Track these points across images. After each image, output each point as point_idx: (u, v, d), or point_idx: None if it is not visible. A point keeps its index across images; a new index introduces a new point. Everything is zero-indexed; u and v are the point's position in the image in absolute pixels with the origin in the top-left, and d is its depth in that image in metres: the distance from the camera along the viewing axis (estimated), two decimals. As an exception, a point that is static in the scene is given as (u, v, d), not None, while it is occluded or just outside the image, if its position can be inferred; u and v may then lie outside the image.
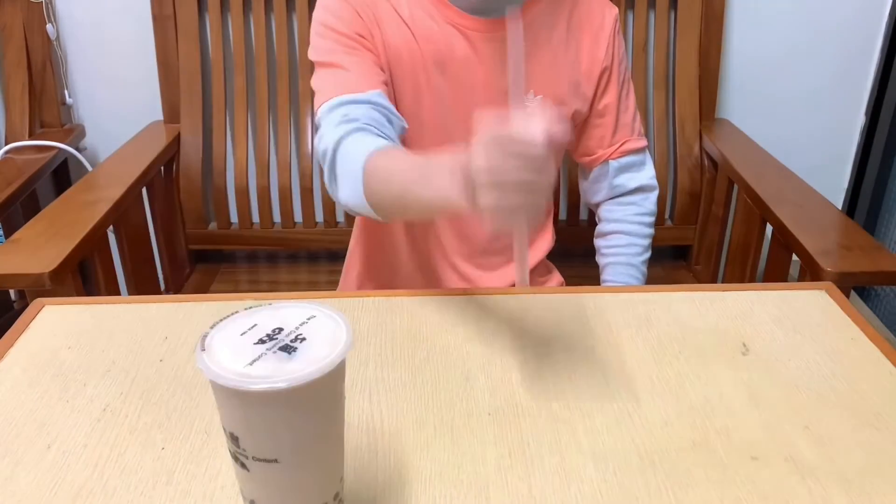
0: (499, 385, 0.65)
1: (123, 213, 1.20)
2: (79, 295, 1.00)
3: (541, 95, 0.94)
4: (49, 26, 1.45)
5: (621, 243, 1.04)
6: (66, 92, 1.53)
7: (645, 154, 1.05)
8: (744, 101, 1.57)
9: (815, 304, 0.77)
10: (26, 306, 0.76)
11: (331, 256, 1.57)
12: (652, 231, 1.06)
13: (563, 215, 1.53)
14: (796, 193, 1.21)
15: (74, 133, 1.51)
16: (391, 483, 0.54)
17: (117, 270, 1.19)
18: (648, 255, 1.06)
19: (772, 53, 1.54)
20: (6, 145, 1.45)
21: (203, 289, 1.48)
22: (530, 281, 1.10)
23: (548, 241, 1.10)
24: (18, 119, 1.47)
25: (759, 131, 1.49)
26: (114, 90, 1.54)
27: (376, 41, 0.90)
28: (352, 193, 0.77)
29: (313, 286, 1.49)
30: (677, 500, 0.53)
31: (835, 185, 1.66)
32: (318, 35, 0.90)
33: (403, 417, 0.61)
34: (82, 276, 1.04)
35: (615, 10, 0.98)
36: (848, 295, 0.93)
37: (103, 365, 0.67)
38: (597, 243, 1.08)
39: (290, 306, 0.46)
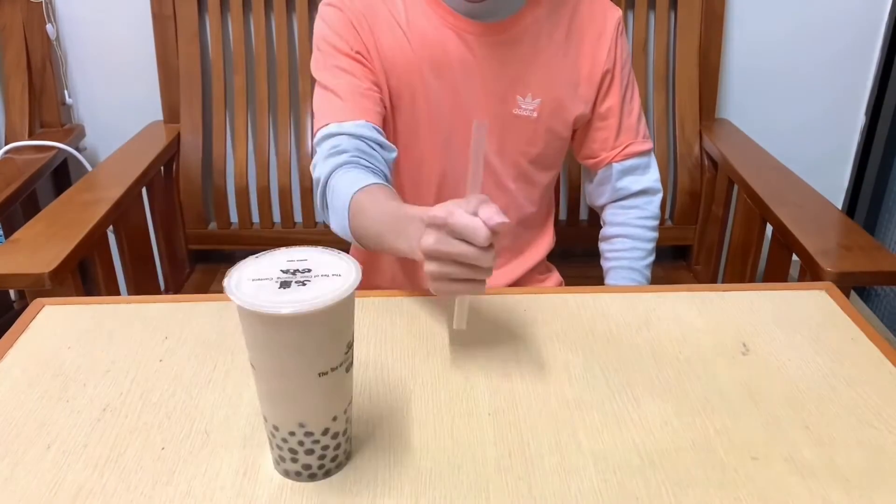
0: (499, 385, 0.65)
1: (123, 213, 1.20)
2: (79, 295, 1.00)
3: (539, 98, 0.94)
4: (49, 26, 1.45)
5: (625, 247, 1.04)
6: (66, 92, 1.53)
7: (650, 157, 1.05)
8: (744, 101, 1.57)
9: (815, 304, 0.77)
10: (26, 306, 0.76)
11: (331, 256, 1.56)
12: (655, 234, 1.06)
13: (563, 215, 1.53)
14: (796, 193, 1.21)
15: (74, 133, 1.51)
16: (391, 483, 0.54)
17: (117, 270, 1.19)
18: (652, 258, 1.06)
19: (771, 53, 1.54)
20: (6, 145, 1.45)
21: (203, 289, 1.48)
22: (530, 279, 1.10)
23: (548, 241, 1.10)
24: (18, 119, 1.47)
25: (759, 131, 1.49)
26: (114, 90, 1.54)
27: (371, 52, 0.90)
28: (339, 226, 0.83)
29: (313, 286, 1.49)
30: (677, 499, 0.53)
31: (835, 185, 1.66)
32: (317, 49, 0.92)
33: (403, 417, 0.61)
34: (82, 276, 1.04)
35: (618, 13, 0.97)
36: (848, 295, 0.93)
37: (103, 365, 0.67)
38: (601, 247, 1.08)
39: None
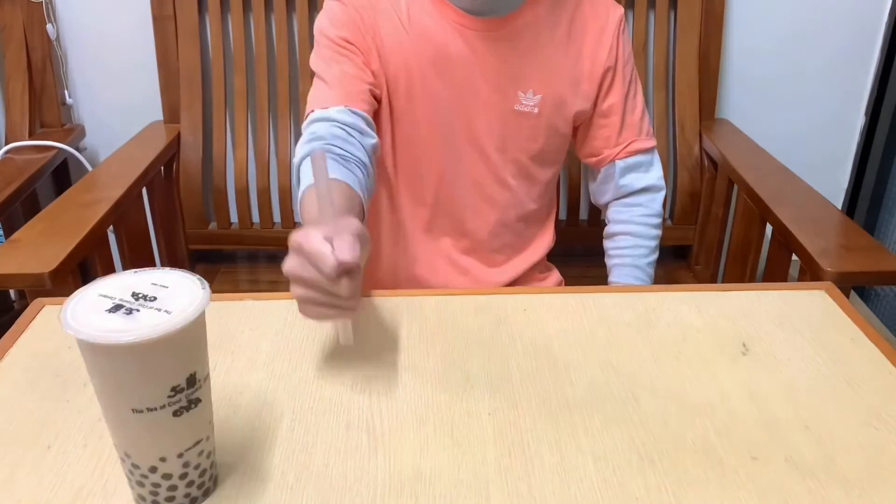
0: (499, 385, 0.65)
1: (123, 213, 1.20)
2: (79, 295, 1.00)
3: (540, 94, 0.94)
4: (49, 26, 1.45)
5: (627, 245, 1.04)
6: (66, 92, 1.53)
7: (653, 154, 1.05)
8: (744, 101, 1.57)
9: (815, 304, 0.77)
10: (26, 306, 0.76)
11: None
12: (659, 232, 1.06)
13: (564, 215, 1.53)
14: (796, 193, 1.21)
15: (74, 133, 1.51)
16: (391, 483, 0.54)
17: (117, 270, 1.18)
18: (655, 256, 1.06)
19: (772, 53, 1.54)
20: (6, 145, 1.44)
21: (203, 289, 1.48)
22: (530, 278, 1.10)
23: (548, 239, 1.10)
24: (18, 119, 1.47)
25: (759, 131, 1.49)
26: (114, 90, 1.54)
27: (370, 46, 0.90)
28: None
29: (313, 286, 1.49)
30: (677, 499, 0.53)
31: (835, 185, 1.66)
32: (315, 41, 0.93)
33: (403, 417, 0.61)
34: (82, 276, 1.04)
35: (620, 10, 0.97)
36: (848, 295, 0.93)
37: (103, 365, 0.67)
38: (605, 245, 1.08)
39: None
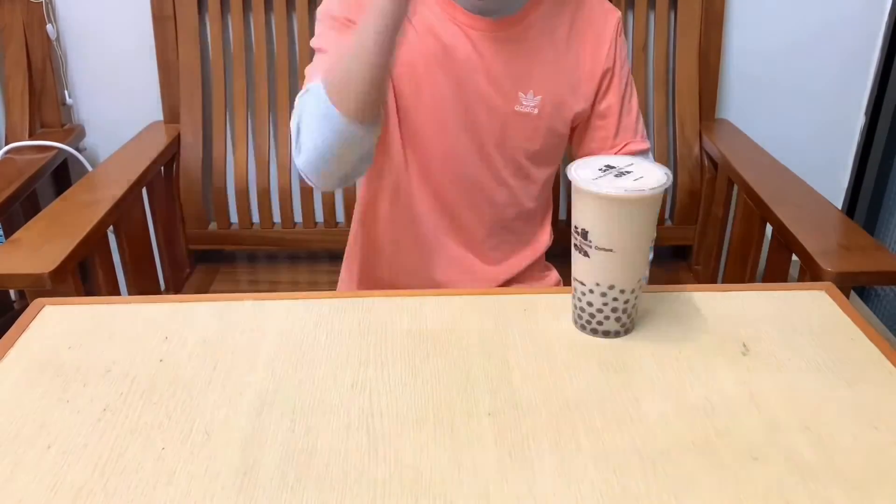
0: (499, 385, 0.65)
1: (123, 213, 1.20)
2: (79, 295, 1.00)
3: (540, 96, 0.95)
4: (49, 26, 1.45)
5: None
6: (66, 92, 1.53)
7: (647, 156, 1.05)
8: (744, 101, 1.57)
9: (815, 304, 0.77)
10: (26, 306, 0.76)
11: (331, 256, 1.57)
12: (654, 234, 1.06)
13: (563, 215, 1.53)
14: (796, 193, 1.21)
15: (74, 133, 1.51)
16: (391, 483, 0.54)
17: (117, 270, 1.19)
18: (651, 255, 1.06)
19: (772, 53, 1.54)
20: (6, 145, 1.44)
21: (203, 289, 1.48)
22: (528, 276, 1.10)
23: (546, 237, 1.10)
24: (18, 119, 1.47)
25: (759, 131, 1.49)
26: (114, 90, 1.54)
27: None
28: (313, 133, 0.83)
29: (313, 286, 1.49)
30: (677, 500, 0.53)
31: (835, 185, 1.66)
32: (318, 22, 0.93)
33: (403, 417, 0.61)
34: (82, 276, 1.04)
35: (617, 14, 0.99)
36: (848, 295, 0.93)
37: (103, 365, 0.67)
38: None
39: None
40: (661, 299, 0.77)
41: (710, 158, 1.47)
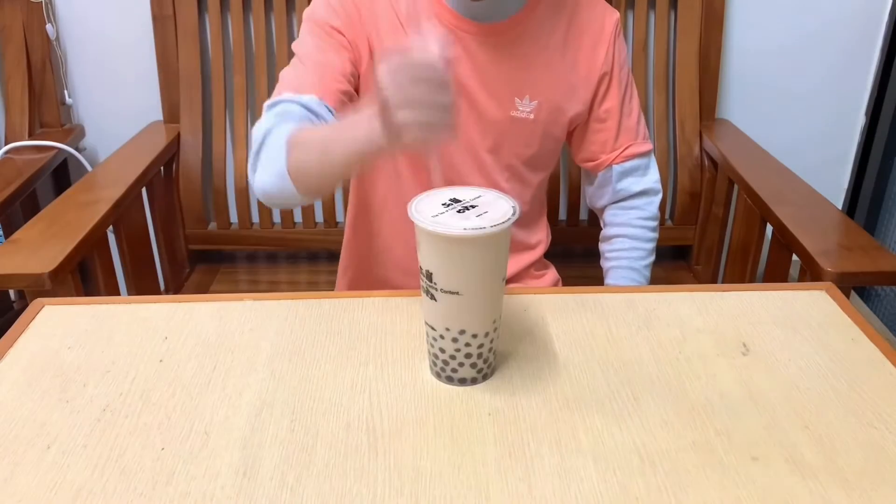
0: (499, 385, 0.65)
1: (123, 213, 1.20)
2: (79, 295, 1.00)
3: (537, 100, 0.94)
4: (49, 26, 1.45)
5: (624, 247, 1.04)
6: (65, 92, 1.53)
7: (650, 158, 1.05)
8: (744, 101, 1.57)
9: (815, 304, 0.77)
10: (26, 306, 0.76)
11: (331, 256, 1.56)
12: (656, 235, 1.06)
13: (563, 215, 1.53)
14: (796, 193, 1.21)
15: (74, 133, 1.51)
16: (391, 483, 0.54)
17: (117, 270, 1.19)
18: (652, 258, 1.06)
19: (772, 53, 1.54)
20: (6, 145, 1.44)
21: (203, 289, 1.48)
22: (526, 275, 1.10)
23: (542, 239, 1.10)
24: (18, 119, 1.47)
25: (759, 131, 1.49)
26: (114, 90, 1.54)
27: (361, 40, 0.90)
28: (271, 172, 0.80)
29: (313, 286, 1.49)
30: (677, 500, 0.53)
31: (835, 185, 1.66)
32: (302, 25, 0.92)
33: (403, 417, 0.61)
34: (82, 276, 1.04)
35: (616, 15, 0.97)
36: (848, 295, 0.93)
37: (103, 365, 0.67)
38: (601, 248, 1.08)
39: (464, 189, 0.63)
40: (661, 299, 0.77)
41: (710, 158, 1.47)
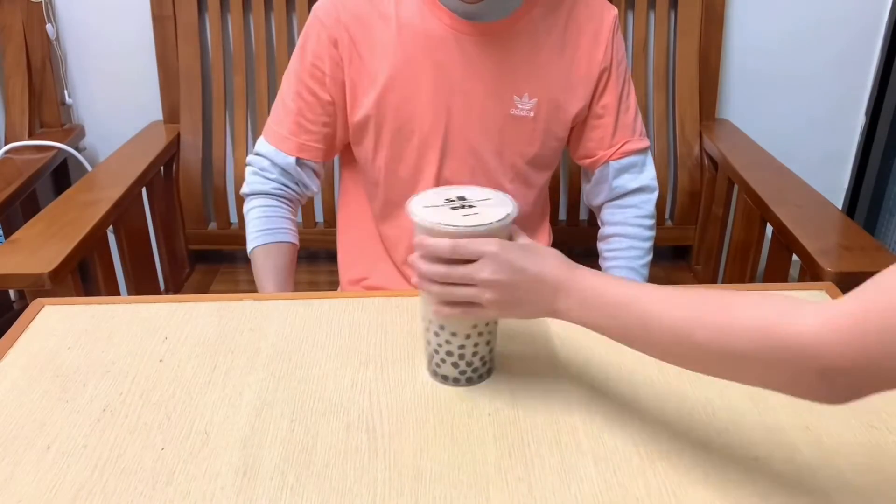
0: (499, 385, 0.65)
1: (123, 213, 1.20)
2: (79, 295, 1.00)
3: (536, 98, 0.94)
4: (49, 26, 1.45)
5: (622, 246, 1.04)
6: (65, 92, 1.53)
7: (646, 155, 1.05)
8: (744, 101, 1.57)
9: (815, 304, 0.77)
10: (26, 306, 0.76)
11: (331, 256, 1.56)
12: (653, 233, 1.06)
13: (563, 215, 1.53)
14: (796, 193, 1.21)
15: (74, 133, 1.51)
16: (391, 483, 0.54)
17: (117, 270, 1.19)
18: (650, 257, 1.06)
19: (772, 53, 1.54)
20: (6, 145, 1.44)
21: (203, 289, 1.48)
22: None
23: (544, 240, 1.10)
24: (18, 119, 1.47)
25: (759, 131, 1.49)
26: (114, 90, 1.54)
27: (345, 70, 0.92)
28: (249, 225, 1.00)
29: (313, 286, 1.49)
30: (677, 500, 0.53)
31: (835, 185, 1.66)
32: (296, 50, 0.96)
33: (403, 417, 0.61)
34: (82, 276, 1.04)
35: (614, 11, 0.97)
36: (848, 295, 0.93)
37: (103, 365, 0.67)
38: (599, 247, 1.08)
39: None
40: (661, 299, 0.77)
41: (710, 158, 1.47)
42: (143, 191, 1.33)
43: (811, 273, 0.99)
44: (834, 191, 1.66)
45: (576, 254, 1.36)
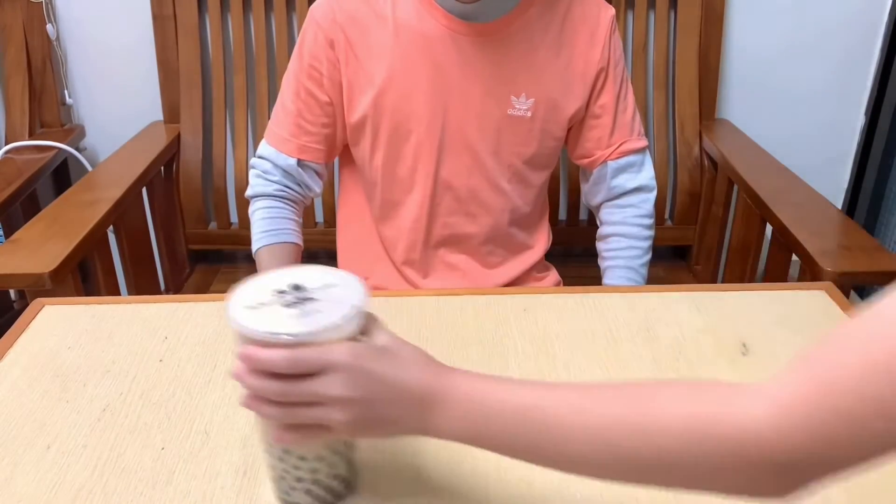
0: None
1: (123, 213, 1.20)
2: (79, 295, 1.00)
3: (533, 98, 0.94)
4: (49, 26, 1.45)
5: (621, 246, 1.04)
6: (66, 92, 1.53)
7: (644, 154, 1.05)
8: (744, 101, 1.57)
9: (815, 304, 0.77)
10: (26, 306, 0.76)
11: (331, 256, 1.55)
12: (651, 233, 1.06)
13: (563, 215, 1.53)
14: (796, 193, 1.21)
15: (74, 133, 1.51)
16: (391, 483, 0.54)
17: (117, 270, 1.19)
18: (648, 257, 1.06)
19: (772, 53, 1.54)
20: (6, 145, 1.44)
21: (203, 289, 1.48)
22: (527, 278, 1.09)
23: (544, 240, 1.10)
24: (18, 119, 1.47)
25: (759, 131, 1.49)
26: (114, 90, 1.54)
27: (343, 71, 0.92)
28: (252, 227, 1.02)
29: (313, 286, 1.49)
30: (677, 500, 0.53)
31: (835, 185, 1.66)
32: (294, 52, 0.97)
33: (403, 417, 0.61)
34: (82, 276, 1.04)
35: (611, 11, 0.97)
36: (848, 295, 0.93)
37: (103, 365, 0.67)
38: (598, 247, 1.08)
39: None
40: (661, 299, 0.77)
41: (710, 158, 1.47)
42: (144, 191, 1.33)
43: (811, 273, 0.99)
44: (834, 191, 1.66)
45: (575, 254, 1.37)
